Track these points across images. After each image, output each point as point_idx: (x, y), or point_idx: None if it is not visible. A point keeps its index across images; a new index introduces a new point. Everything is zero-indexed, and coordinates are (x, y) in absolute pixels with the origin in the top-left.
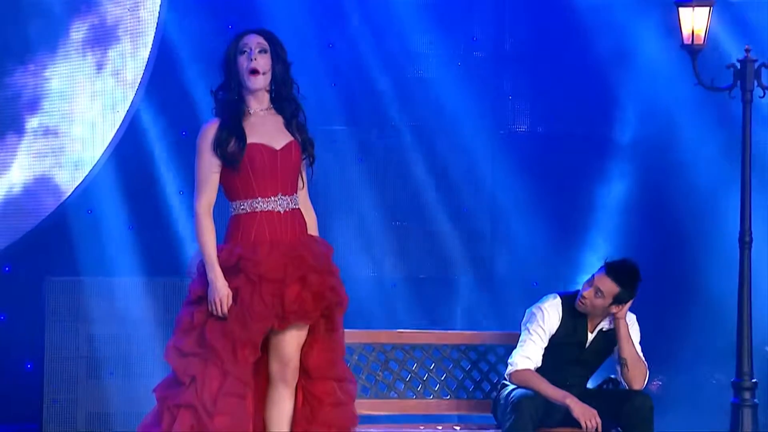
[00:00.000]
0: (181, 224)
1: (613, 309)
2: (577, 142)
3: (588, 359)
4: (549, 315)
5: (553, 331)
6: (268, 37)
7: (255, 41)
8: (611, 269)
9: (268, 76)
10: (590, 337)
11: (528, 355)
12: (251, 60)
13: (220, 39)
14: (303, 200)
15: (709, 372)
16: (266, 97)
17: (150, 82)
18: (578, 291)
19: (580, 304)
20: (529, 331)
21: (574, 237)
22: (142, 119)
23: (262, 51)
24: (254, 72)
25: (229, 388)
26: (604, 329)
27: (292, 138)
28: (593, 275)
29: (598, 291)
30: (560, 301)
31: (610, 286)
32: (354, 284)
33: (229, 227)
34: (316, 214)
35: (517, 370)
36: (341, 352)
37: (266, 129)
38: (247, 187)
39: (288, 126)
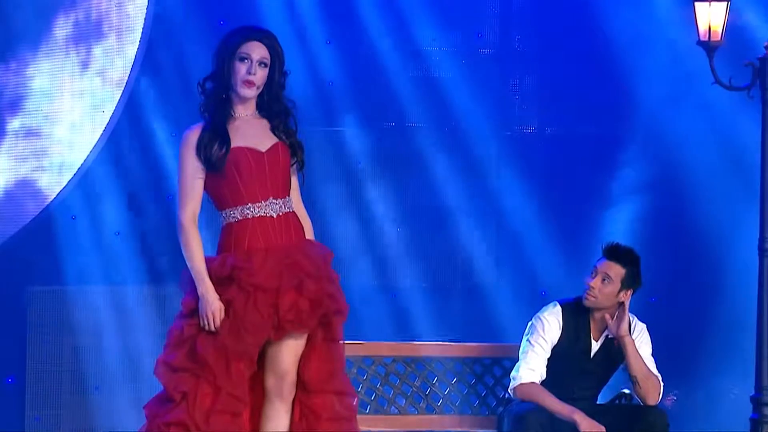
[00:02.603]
0: (170, 230)
1: (622, 296)
2: (588, 144)
3: (595, 370)
4: (549, 324)
5: (555, 340)
6: (272, 48)
7: (258, 53)
8: (612, 253)
9: (261, 88)
10: (595, 345)
11: (532, 367)
12: (250, 73)
13: (212, 36)
14: (297, 206)
15: (726, 386)
16: (254, 103)
17: (137, 81)
18: (578, 297)
19: (589, 297)
20: (530, 342)
21: (584, 243)
22: (129, 120)
23: (263, 65)
24: (249, 84)
25: (222, 405)
26: (609, 336)
27: (278, 140)
28: (594, 266)
29: (605, 277)
30: (560, 309)
31: (616, 269)
32: (352, 293)
33: (221, 237)
34: (311, 219)
35: (521, 384)
36: (341, 363)
37: (251, 132)
38: (236, 194)
39: (274, 130)
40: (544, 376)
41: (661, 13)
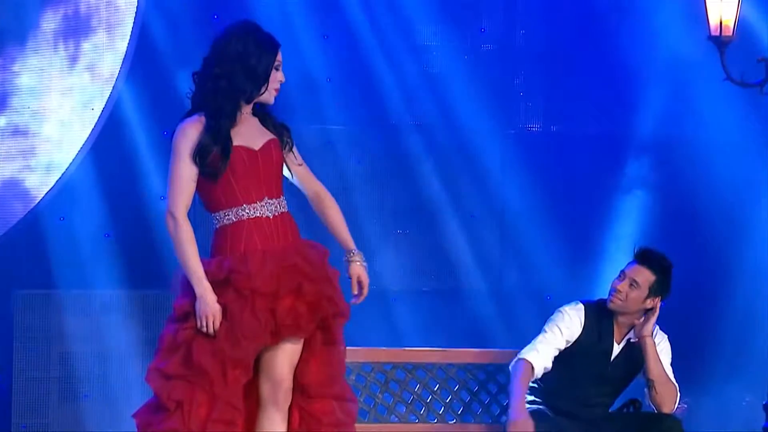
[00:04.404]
0: (162, 231)
1: (649, 303)
2: (595, 143)
3: (613, 375)
4: (571, 319)
5: (573, 337)
6: None
7: (280, 56)
8: (643, 258)
9: None
10: (616, 348)
11: (538, 349)
12: (280, 81)
13: (204, 30)
14: (307, 177)
15: (739, 393)
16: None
17: (128, 77)
18: (602, 299)
19: (615, 300)
20: (545, 329)
21: (590, 246)
22: (119, 118)
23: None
24: (277, 90)
25: (218, 415)
26: (631, 340)
27: (269, 136)
28: (623, 270)
29: (633, 282)
30: (584, 308)
31: (645, 275)
32: (351, 297)
33: (215, 240)
34: (308, 223)
35: (518, 359)
36: (341, 368)
37: (246, 130)
38: (230, 195)
39: (263, 122)
40: (546, 366)
41: (671, 6)
